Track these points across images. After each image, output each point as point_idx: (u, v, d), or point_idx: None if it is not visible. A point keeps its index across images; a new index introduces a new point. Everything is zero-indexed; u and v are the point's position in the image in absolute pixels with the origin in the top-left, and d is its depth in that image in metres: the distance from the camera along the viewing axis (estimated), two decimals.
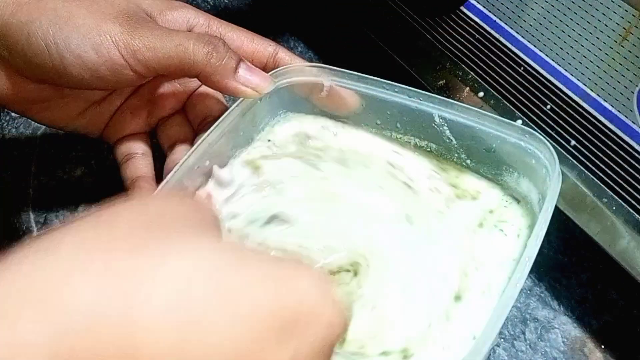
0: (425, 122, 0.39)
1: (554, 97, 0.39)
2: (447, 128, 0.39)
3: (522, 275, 0.30)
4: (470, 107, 0.37)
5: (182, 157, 0.36)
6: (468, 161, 0.40)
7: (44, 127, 0.50)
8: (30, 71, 0.37)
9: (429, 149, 0.41)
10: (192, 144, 0.39)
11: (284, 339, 0.20)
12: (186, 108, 0.43)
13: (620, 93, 0.36)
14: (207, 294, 0.19)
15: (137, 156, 0.41)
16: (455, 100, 0.38)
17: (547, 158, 0.35)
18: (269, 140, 0.42)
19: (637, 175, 0.36)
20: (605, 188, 0.37)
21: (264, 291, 0.20)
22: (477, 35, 0.43)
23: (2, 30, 0.35)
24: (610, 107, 0.36)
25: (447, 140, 0.40)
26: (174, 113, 0.43)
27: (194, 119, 0.42)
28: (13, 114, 0.51)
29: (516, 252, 0.36)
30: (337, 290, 0.22)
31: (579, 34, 0.37)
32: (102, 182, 0.47)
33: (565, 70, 0.38)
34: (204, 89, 0.43)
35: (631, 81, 0.35)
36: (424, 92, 0.38)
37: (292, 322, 0.20)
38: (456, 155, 0.40)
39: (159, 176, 0.40)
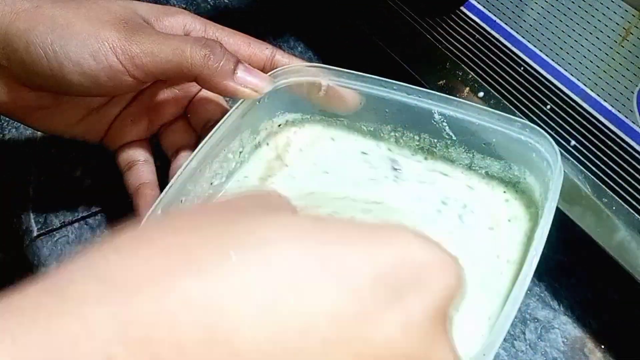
0: (425, 119, 0.39)
1: (554, 97, 0.39)
2: (446, 124, 0.39)
3: (530, 267, 0.30)
4: (470, 103, 0.37)
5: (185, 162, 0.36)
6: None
7: None
8: (30, 79, 0.37)
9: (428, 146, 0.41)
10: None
11: (394, 299, 0.19)
12: (188, 113, 0.43)
13: (620, 93, 0.36)
14: (302, 267, 0.18)
15: (139, 163, 0.41)
16: None
17: (548, 151, 0.35)
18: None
19: (637, 175, 0.36)
20: (605, 188, 0.37)
21: (363, 252, 0.19)
22: (477, 35, 0.43)
23: (1, 39, 0.35)
24: (610, 107, 0.36)
25: (447, 137, 0.40)
26: (175, 119, 0.43)
27: (197, 123, 0.42)
28: None
29: (515, 250, 0.36)
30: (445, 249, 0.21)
31: (579, 34, 0.37)
32: (102, 182, 0.47)
33: (565, 70, 0.38)
34: (205, 93, 0.43)
35: (631, 81, 0.35)
36: (422, 89, 0.38)
37: (402, 282, 0.19)
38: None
39: (164, 183, 0.40)
